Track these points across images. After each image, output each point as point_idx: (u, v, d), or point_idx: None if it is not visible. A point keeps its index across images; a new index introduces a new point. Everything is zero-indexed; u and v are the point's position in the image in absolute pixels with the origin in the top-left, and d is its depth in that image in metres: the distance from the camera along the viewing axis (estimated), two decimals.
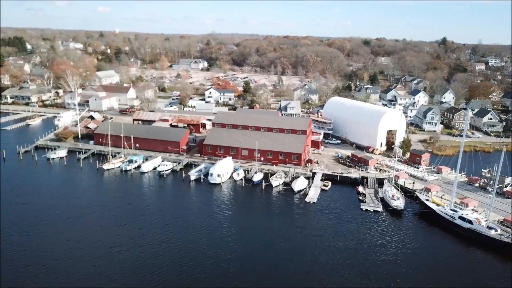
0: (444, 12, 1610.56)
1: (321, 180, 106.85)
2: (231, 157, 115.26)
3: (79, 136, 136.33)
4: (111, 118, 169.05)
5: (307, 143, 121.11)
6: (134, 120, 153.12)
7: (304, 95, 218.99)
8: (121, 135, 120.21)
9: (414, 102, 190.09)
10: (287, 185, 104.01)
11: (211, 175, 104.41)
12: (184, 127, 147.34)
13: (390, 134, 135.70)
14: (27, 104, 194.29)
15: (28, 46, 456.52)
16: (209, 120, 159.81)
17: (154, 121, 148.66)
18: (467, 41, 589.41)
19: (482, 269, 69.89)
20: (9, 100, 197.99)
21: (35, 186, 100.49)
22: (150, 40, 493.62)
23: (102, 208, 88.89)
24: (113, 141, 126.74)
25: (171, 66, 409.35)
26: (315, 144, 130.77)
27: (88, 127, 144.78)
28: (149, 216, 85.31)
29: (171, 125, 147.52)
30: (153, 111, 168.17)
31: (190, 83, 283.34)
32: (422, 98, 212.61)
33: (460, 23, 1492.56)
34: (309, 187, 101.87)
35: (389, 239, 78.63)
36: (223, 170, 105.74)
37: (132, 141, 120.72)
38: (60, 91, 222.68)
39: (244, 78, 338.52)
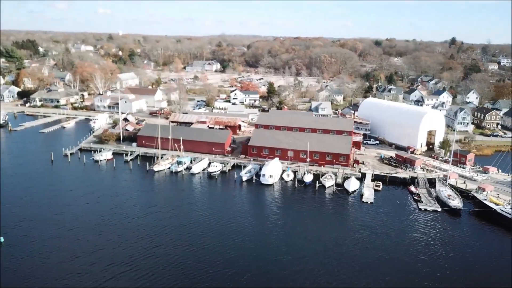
0: (446, 12, 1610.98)
1: (372, 180, 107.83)
2: (277, 158, 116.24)
3: (121, 138, 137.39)
4: (143, 120, 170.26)
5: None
6: (170, 122, 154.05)
7: (329, 96, 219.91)
8: (169, 137, 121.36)
9: (443, 103, 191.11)
10: (339, 185, 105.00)
11: (263, 176, 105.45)
12: (220, 128, 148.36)
13: (429, 134, 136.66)
14: (56, 106, 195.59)
15: (40, 49, 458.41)
16: (243, 121, 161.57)
17: (191, 123, 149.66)
18: (473, 41, 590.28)
19: None
20: (38, 103, 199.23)
21: (92, 187, 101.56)
22: (162, 42, 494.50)
23: (163, 208, 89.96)
24: (157, 143, 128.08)
25: (184, 68, 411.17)
26: (356, 145, 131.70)
27: (126, 129, 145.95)
28: (212, 216, 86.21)
29: (208, 127, 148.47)
30: (186, 113, 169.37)
31: (205, 85, 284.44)
32: (445, 98, 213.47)
33: (464, 23, 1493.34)
34: (362, 188, 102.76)
35: (456, 238, 79.63)
36: (274, 171, 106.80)
37: (181, 143, 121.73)
38: (85, 94, 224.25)
39: (259, 79, 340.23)
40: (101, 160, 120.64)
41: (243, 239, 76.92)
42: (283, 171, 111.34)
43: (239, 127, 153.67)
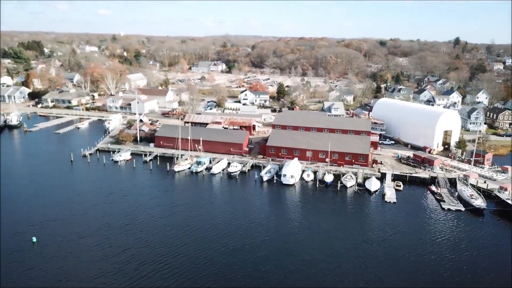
0: (446, 12, 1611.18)
1: (392, 180, 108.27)
2: (297, 158, 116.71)
3: (138, 139, 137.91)
4: (157, 121, 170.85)
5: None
6: (185, 122, 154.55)
7: (339, 96, 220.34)
8: (189, 138, 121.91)
9: (455, 103, 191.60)
10: (360, 185, 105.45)
11: (284, 176, 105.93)
12: (234, 129, 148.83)
13: (445, 134, 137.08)
14: (68, 107, 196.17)
15: (45, 50, 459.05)
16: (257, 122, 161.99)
17: (207, 123, 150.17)
18: (476, 41, 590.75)
19: None
20: (50, 104, 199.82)
21: (115, 187, 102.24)
22: (167, 42, 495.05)
23: (186, 207, 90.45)
24: (175, 143, 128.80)
25: (190, 68, 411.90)
26: (373, 145, 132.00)
27: (142, 130, 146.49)
28: (236, 216, 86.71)
29: (223, 127, 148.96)
30: (199, 114, 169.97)
31: (213, 85, 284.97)
32: (455, 98, 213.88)
33: (465, 23, 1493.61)
34: (384, 188, 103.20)
35: (481, 238, 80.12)
36: (295, 171, 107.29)
37: (201, 143, 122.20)
38: (95, 95, 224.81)
39: (265, 80, 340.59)
40: (120, 161, 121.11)
41: (271, 238, 77.51)
42: (303, 171, 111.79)
43: (254, 127, 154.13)
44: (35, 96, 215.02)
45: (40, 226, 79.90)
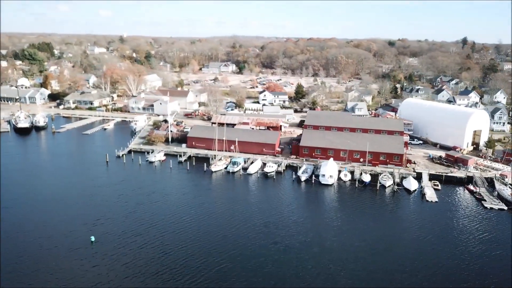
0: (451, 12, 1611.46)
1: (429, 180, 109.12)
2: (332, 158, 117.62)
3: (169, 140, 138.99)
4: (182, 121, 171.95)
5: None
6: (212, 123, 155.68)
7: (358, 96, 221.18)
8: (224, 139, 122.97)
9: (476, 103, 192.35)
10: (398, 185, 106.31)
11: (323, 176, 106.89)
12: (260, 129, 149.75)
13: (474, 134, 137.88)
14: (90, 108, 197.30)
15: (55, 51, 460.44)
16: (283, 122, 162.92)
17: (234, 124, 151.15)
18: (483, 41, 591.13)
19: None
20: (72, 105, 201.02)
21: (155, 187, 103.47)
22: (176, 43, 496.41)
23: (232, 206, 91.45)
24: (206, 144, 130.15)
25: (200, 69, 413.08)
26: (404, 145, 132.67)
27: (171, 131, 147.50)
28: (284, 215, 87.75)
29: (251, 128, 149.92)
30: (224, 114, 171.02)
31: (230, 86, 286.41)
32: (474, 98, 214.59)
33: (471, 23, 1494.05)
34: (423, 187, 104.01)
35: None
36: (333, 171, 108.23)
37: (236, 144, 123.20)
38: (114, 96, 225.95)
39: (277, 80, 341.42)
40: (155, 161, 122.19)
41: (321, 237, 78.37)
42: (339, 171, 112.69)
43: (280, 127, 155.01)
44: (55, 98, 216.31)
45: (93, 225, 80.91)
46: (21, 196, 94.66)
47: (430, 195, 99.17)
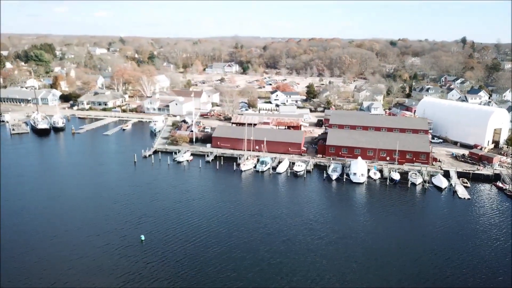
0: (447, 12, 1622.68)
1: (457, 177, 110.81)
2: (360, 157, 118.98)
3: (193, 140, 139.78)
4: (200, 121, 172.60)
5: None
6: (232, 123, 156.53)
7: (370, 95, 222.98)
8: (252, 138, 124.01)
9: (490, 101, 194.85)
10: (427, 183, 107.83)
11: (354, 174, 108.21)
12: (283, 129, 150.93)
13: (494, 132, 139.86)
14: (104, 109, 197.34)
15: (57, 52, 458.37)
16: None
17: (255, 124, 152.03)
18: (481, 40, 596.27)
19: None
20: (86, 106, 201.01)
21: (188, 185, 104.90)
22: (179, 44, 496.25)
23: (271, 205, 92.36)
24: (231, 144, 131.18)
25: (204, 69, 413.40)
26: None
27: (192, 131, 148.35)
28: (323, 214, 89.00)
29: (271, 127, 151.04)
30: (241, 114, 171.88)
31: (237, 86, 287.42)
32: (484, 97, 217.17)
33: (467, 22, 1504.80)
34: (454, 184, 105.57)
35: None
36: (364, 170, 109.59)
37: (265, 143, 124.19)
38: (126, 96, 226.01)
39: (282, 80, 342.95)
40: (183, 161, 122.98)
41: (360, 234, 79.66)
42: (368, 169, 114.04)
43: (300, 127, 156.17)
44: (66, 99, 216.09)
45: (138, 223, 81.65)
46: (62, 194, 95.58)
47: (462, 192, 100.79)
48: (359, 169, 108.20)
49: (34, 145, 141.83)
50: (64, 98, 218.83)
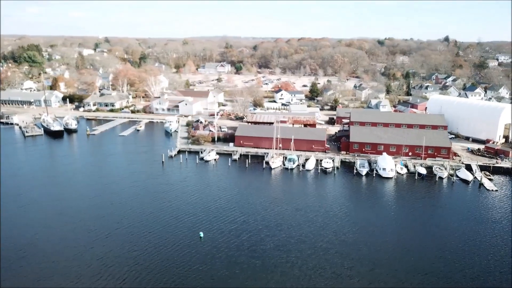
0: (426, 11, 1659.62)
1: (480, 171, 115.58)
2: (385, 153, 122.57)
3: (215, 139, 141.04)
4: (212, 121, 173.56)
5: None
6: (247, 122, 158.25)
7: (372, 94, 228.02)
8: (278, 137, 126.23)
9: (490, 98, 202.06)
10: (453, 176, 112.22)
11: (384, 169, 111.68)
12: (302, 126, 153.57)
13: (504, 127, 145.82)
14: (112, 110, 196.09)
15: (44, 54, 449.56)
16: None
17: (271, 123, 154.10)
18: (462, 39, 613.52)
19: None
20: (93, 107, 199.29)
21: (222, 184, 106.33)
22: (170, 44, 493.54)
23: (311, 202, 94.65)
24: (255, 142, 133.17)
25: (196, 69, 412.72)
26: None
27: (210, 130, 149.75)
28: (357, 210, 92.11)
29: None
30: (254, 113, 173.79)
31: (235, 86, 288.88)
32: (483, 95, 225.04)
33: (448, 22, 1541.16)
34: (481, 177, 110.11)
35: None
36: (392, 165, 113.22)
37: (292, 141, 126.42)
38: (130, 97, 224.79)
39: (277, 79, 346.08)
40: (210, 160, 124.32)
41: (398, 230, 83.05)
42: (395, 164, 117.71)
43: (315, 125, 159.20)
44: (70, 100, 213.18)
45: (191, 221, 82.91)
46: (101, 194, 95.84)
47: (488, 184, 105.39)
48: (388, 164, 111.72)
49: (52, 147, 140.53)
50: (65, 99, 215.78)
